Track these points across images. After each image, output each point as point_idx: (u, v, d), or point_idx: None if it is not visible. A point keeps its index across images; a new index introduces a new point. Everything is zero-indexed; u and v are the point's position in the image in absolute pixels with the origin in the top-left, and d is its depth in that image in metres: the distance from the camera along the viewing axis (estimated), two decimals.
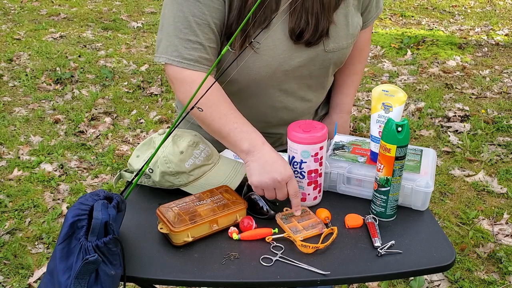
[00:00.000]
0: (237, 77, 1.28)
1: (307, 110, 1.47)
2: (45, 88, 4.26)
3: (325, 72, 1.39)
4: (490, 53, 4.97)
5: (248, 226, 1.15)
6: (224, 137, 1.22)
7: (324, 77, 1.41)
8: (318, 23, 1.24)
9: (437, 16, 6.28)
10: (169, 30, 1.22)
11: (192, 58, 1.22)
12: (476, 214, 2.69)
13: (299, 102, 1.41)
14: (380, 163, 1.15)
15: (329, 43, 1.30)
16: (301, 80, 1.37)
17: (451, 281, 2.25)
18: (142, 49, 5.19)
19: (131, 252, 1.09)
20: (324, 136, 1.19)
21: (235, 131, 1.19)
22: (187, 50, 1.21)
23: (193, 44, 1.21)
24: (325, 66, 1.36)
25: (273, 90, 1.35)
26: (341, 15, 1.30)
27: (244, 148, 1.18)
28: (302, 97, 1.41)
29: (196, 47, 1.22)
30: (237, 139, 1.19)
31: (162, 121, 3.73)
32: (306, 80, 1.37)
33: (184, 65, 1.22)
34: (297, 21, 1.23)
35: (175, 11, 1.21)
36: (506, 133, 3.51)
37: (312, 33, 1.25)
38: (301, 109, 1.44)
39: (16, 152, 3.29)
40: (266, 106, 1.38)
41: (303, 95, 1.41)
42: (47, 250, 2.47)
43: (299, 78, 1.35)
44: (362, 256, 1.08)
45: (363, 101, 4.03)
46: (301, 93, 1.40)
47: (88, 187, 2.97)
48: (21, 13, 6.33)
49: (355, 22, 1.35)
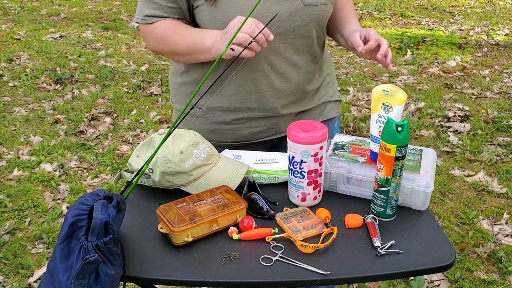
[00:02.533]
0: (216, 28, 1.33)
1: (298, 77, 1.44)
2: (45, 88, 4.26)
3: (308, 31, 1.39)
4: (490, 53, 4.97)
5: (248, 226, 1.15)
6: (193, 52, 1.34)
7: (308, 37, 1.40)
8: None
9: (437, 16, 6.28)
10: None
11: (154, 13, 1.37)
12: (476, 214, 2.69)
13: (286, 65, 1.41)
14: (380, 163, 1.15)
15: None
16: (286, 38, 1.37)
17: (451, 281, 2.25)
18: (142, 49, 5.19)
19: (131, 252, 1.09)
20: (324, 136, 1.19)
21: (196, 40, 1.32)
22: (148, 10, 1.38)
23: (152, 5, 1.37)
24: (307, 22, 1.37)
25: (260, 54, 1.33)
26: None
27: (209, 44, 1.28)
28: (288, 59, 1.40)
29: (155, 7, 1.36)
30: (200, 44, 1.31)
31: (162, 121, 3.73)
32: (290, 38, 1.38)
33: (147, 21, 1.39)
34: None
35: None
36: (506, 133, 3.51)
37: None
38: (292, 75, 1.42)
39: (16, 152, 3.29)
40: (255, 70, 1.38)
41: (289, 57, 1.40)
42: (47, 250, 2.47)
43: (283, 35, 1.36)
44: (362, 256, 1.08)
45: (363, 101, 4.03)
46: (287, 55, 1.39)
47: (88, 187, 2.97)
48: (21, 13, 6.33)
49: None
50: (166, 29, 1.37)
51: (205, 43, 1.30)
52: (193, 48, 1.33)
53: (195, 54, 1.35)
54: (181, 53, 1.38)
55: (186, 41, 1.34)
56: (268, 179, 1.34)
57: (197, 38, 1.32)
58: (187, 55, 1.38)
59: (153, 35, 1.40)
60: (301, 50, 1.42)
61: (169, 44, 1.38)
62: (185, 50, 1.36)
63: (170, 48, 1.39)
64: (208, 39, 1.29)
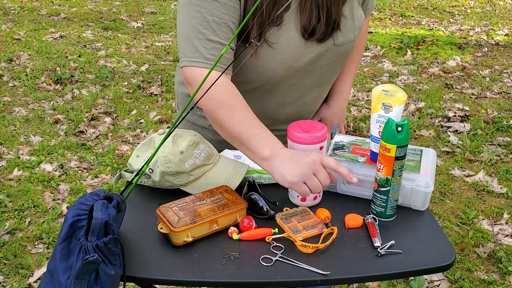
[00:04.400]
0: (253, 76, 1.28)
1: (313, 105, 1.49)
2: (45, 88, 4.26)
3: (334, 67, 1.41)
4: (490, 53, 4.97)
5: (248, 226, 1.15)
6: (243, 143, 1.16)
7: (332, 72, 1.43)
8: (329, 17, 1.25)
9: (437, 16, 6.28)
10: (188, 32, 1.19)
11: (214, 59, 1.18)
12: (476, 214, 2.69)
13: (307, 97, 1.43)
14: (380, 163, 1.15)
15: (338, 37, 1.32)
16: (311, 75, 1.38)
17: (451, 281, 2.25)
18: (142, 49, 5.19)
19: (131, 252, 1.09)
20: (324, 136, 1.19)
21: (256, 137, 1.14)
22: (207, 50, 1.18)
23: (213, 44, 1.18)
24: (334, 60, 1.37)
25: (283, 86, 1.36)
26: (347, 8, 1.32)
27: (266, 154, 1.13)
28: (310, 92, 1.42)
29: (216, 47, 1.19)
30: (258, 145, 1.14)
31: (162, 121, 3.73)
32: (316, 75, 1.39)
33: (206, 65, 1.18)
34: (308, 17, 1.24)
35: (192, 12, 1.18)
36: (506, 133, 3.51)
37: (324, 28, 1.26)
38: (308, 104, 1.45)
39: (16, 152, 3.29)
40: (275, 102, 1.39)
41: (312, 90, 1.42)
42: (47, 250, 2.47)
43: (310, 73, 1.37)
44: (362, 256, 1.08)
45: (363, 101, 4.03)
46: (310, 88, 1.41)
47: (88, 187, 2.97)
48: (21, 13, 6.33)
49: (359, 15, 1.37)
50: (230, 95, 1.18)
51: (263, 150, 1.13)
52: (245, 141, 1.16)
53: (240, 146, 1.19)
54: (227, 134, 1.20)
55: (243, 130, 1.16)
56: (268, 179, 1.34)
57: (257, 137, 1.15)
58: (232, 139, 1.19)
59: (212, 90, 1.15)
60: (322, 83, 1.44)
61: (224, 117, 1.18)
62: (235, 135, 1.17)
63: (220, 119, 1.18)
64: (267, 148, 1.13)
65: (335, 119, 1.61)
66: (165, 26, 5.92)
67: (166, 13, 6.43)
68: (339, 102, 1.60)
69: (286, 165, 1.10)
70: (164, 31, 5.76)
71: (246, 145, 1.16)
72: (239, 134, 1.16)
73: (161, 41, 5.43)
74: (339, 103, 1.60)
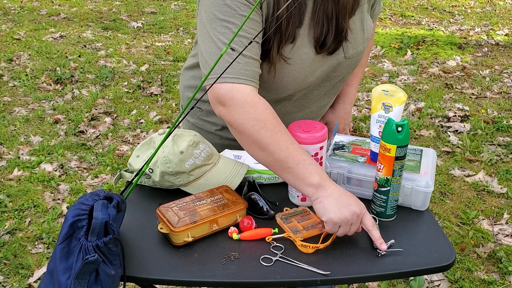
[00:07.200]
0: (263, 92, 1.21)
1: (320, 112, 1.50)
2: (45, 88, 4.26)
3: (344, 77, 1.42)
4: (490, 53, 4.97)
5: (248, 226, 1.15)
6: (290, 168, 1.09)
7: (341, 82, 1.44)
8: (337, 26, 1.25)
9: (437, 16, 6.28)
10: (217, 49, 1.13)
11: (248, 74, 1.13)
12: (476, 214, 2.69)
13: (315, 106, 1.44)
14: (380, 163, 1.15)
15: (349, 49, 1.32)
16: (321, 87, 1.39)
17: (451, 281, 2.25)
18: (142, 49, 5.19)
19: (131, 252, 1.09)
20: (324, 136, 1.19)
21: (304, 163, 1.09)
22: (241, 65, 1.12)
23: (246, 59, 1.13)
24: (344, 72, 1.38)
25: (293, 99, 1.37)
26: (358, 21, 1.32)
27: (314, 181, 1.08)
28: (318, 102, 1.44)
29: (249, 61, 1.13)
30: (306, 171, 1.09)
31: (162, 121, 3.73)
32: (327, 86, 1.40)
33: (241, 81, 1.12)
34: (320, 28, 1.24)
35: (219, 28, 1.13)
36: (506, 133, 3.51)
37: (333, 38, 1.26)
38: (315, 112, 1.47)
39: (16, 152, 3.29)
40: (283, 113, 1.37)
41: (320, 100, 1.44)
42: (47, 250, 2.47)
43: (319, 85, 1.38)
44: (362, 256, 1.08)
45: (363, 101, 4.03)
46: (319, 99, 1.43)
47: (88, 187, 2.97)
48: (21, 13, 6.33)
49: (369, 25, 1.38)
50: (273, 117, 1.12)
51: (313, 177, 1.08)
52: (293, 165, 1.09)
53: (285, 171, 1.11)
54: (272, 154, 1.11)
55: (289, 155, 1.10)
56: (268, 179, 1.34)
57: (304, 163, 1.09)
58: (276, 161, 1.11)
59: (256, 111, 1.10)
60: (332, 93, 1.46)
61: (271, 139, 1.10)
62: (281, 158, 1.10)
63: (265, 141, 1.10)
64: (316, 175, 1.08)
65: (341, 122, 1.62)
66: (165, 26, 5.92)
67: (166, 13, 6.43)
68: (344, 105, 1.60)
69: (333, 202, 1.07)
70: (164, 31, 5.76)
71: (293, 170, 1.10)
72: (285, 158, 1.10)
73: (161, 41, 5.43)
74: (344, 106, 1.60)
